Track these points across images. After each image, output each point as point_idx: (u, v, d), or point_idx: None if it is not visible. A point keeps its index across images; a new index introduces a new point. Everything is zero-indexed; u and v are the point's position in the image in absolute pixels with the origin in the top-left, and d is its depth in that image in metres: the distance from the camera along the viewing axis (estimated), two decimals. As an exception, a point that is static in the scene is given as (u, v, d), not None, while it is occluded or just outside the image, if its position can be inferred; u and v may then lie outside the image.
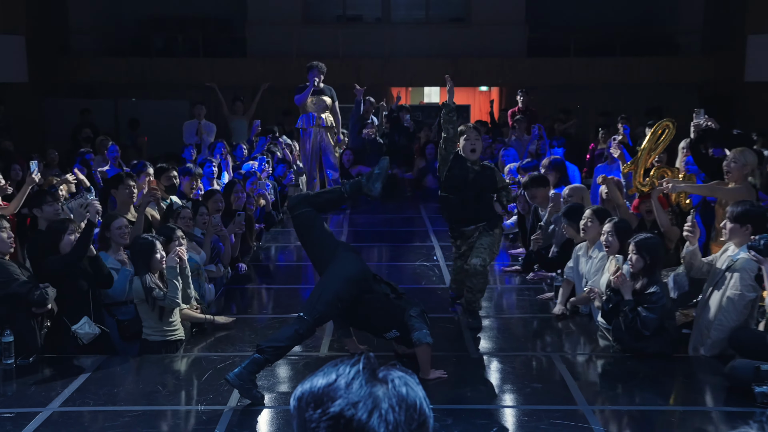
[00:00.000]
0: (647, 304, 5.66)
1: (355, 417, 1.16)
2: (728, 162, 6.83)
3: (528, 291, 7.77)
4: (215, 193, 8.52)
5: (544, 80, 17.82)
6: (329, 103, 11.38)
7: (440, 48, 18.38)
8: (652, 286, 5.73)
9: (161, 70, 18.03)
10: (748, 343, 5.52)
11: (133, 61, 18.29)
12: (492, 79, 19.15)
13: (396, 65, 17.22)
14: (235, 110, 13.57)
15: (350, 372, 1.21)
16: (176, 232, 6.46)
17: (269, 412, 4.97)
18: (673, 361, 5.81)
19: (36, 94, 16.22)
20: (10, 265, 5.78)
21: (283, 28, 18.43)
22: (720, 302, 5.74)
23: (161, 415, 4.94)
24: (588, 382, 5.49)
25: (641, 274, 5.78)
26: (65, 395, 5.14)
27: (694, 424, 4.90)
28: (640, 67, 18.22)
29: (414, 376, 1.25)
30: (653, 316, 5.64)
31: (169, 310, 5.96)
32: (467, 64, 18.27)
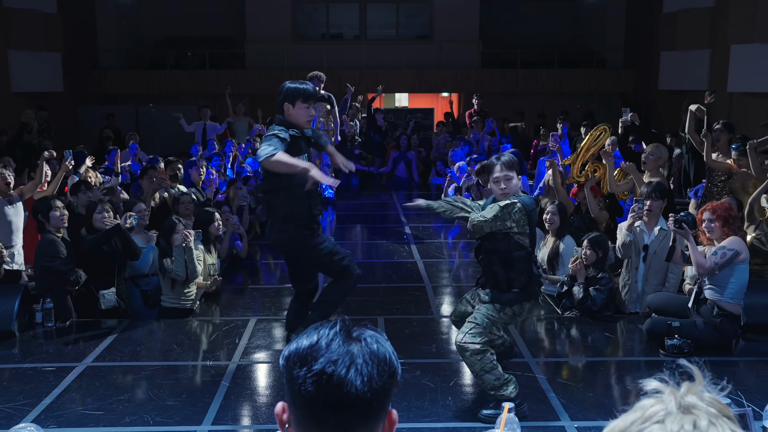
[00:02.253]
0: (597, 285, 5.77)
1: (335, 373, 1.15)
2: (646, 155, 6.91)
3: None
4: (236, 181, 8.84)
5: (494, 88, 17.88)
6: (328, 109, 10.82)
7: (408, 61, 18.41)
8: (600, 272, 5.84)
9: (174, 81, 18.06)
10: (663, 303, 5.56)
11: (151, 74, 18.38)
12: (451, 87, 19.22)
13: (371, 75, 17.19)
14: (237, 112, 13.49)
15: (329, 333, 1.21)
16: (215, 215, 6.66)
17: (267, 367, 4.95)
18: (602, 320, 5.86)
19: (71, 102, 16.29)
20: (60, 243, 5.77)
21: (276, 45, 18.42)
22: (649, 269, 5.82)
23: (177, 369, 4.91)
24: (533, 339, 5.51)
25: (593, 265, 5.85)
26: (96, 353, 5.16)
27: (619, 371, 4.96)
28: (573, 78, 18.33)
29: (383, 334, 1.26)
30: (603, 296, 5.81)
31: (180, 281, 5.95)
32: (431, 75, 18.34)
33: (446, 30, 18.84)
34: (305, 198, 4.64)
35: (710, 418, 0.99)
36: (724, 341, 5.06)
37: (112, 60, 18.74)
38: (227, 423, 4.07)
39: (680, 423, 0.98)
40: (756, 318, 5.29)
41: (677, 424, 0.98)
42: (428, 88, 19.02)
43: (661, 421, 1.00)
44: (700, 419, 0.99)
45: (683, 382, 1.05)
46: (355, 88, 15.11)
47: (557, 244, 6.50)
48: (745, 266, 5.01)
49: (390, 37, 19.67)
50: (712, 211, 5.10)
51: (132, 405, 4.29)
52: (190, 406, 4.27)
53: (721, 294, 5.01)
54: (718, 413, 1.01)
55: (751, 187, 6.94)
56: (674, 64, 15.64)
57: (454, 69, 18.43)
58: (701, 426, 0.98)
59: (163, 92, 17.98)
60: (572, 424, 4.01)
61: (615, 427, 1.05)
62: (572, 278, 5.93)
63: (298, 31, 19.47)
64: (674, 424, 0.98)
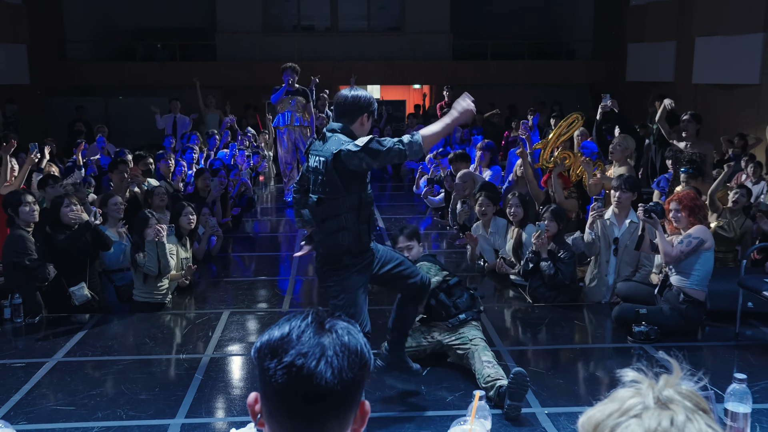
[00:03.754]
0: (564, 259, 5.84)
1: (305, 365, 1.15)
2: (613, 146, 6.98)
3: (455, 254, 7.83)
4: (204, 171, 8.74)
5: (466, 80, 17.86)
6: (303, 103, 10.61)
7: (380, 53, 18.37)
8: (562, 247, 5.91)
9: (145, 72, 17.81)
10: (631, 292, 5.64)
11: (121, 65, 18.08)
12: (423, 79, 19.24)
13: (343, 67, 17.10)
14: (208, 104, 13.37)
15: (301, 325, 1.20)
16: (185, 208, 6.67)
17: (240, 359, 4.93)
18: (572, 309, 5.93)
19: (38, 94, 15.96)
20: (28, 239, 5.69)
21: (248, 36, 18.27)
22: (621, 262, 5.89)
23: (150, 363, 4.88)
24: (504, 328, 5.56)
25: (553, 238, 5.91)
26: (67, 347, 5.11)
27: (588, 358, 5.01)
28: (544, 70, 18.43)
29: (356, 326, 1.25)
30: (570, 269, 5.92)
31: (152, 276, 5.90)
32: (402, 66, 18.31)
33: (418, 22, 18.83)
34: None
35: (687, 413, 1.00)
36: (689, 327, 5.15)
37: (81, 51, 18.43)
38: (201, 416, 4.05)
39: (658, 419, 0.99)
40: (719, 304, 5.38)
41: (655, 420, 0.99)
42: (400, 79, 19.00)
43: (638, 416, 1.00)
44: (677, 415, 1.00)
45: (661, 373, 1.06)
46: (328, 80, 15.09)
47: (520, 234, 6.58)
48: (710, 254, 5.11)
49: (362, 29, 19.60)
50: (679, 201, 5.19)
51: (104, 400, 4.25)
52: (164, 399, 4.24)
53: (686, 281, 5.10)
54: (695, 407, 1.02)
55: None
56: (641, 56, 15.81)
57: (426, 61, 18.42)
58: (678, 422, 0.99)
59: (133, 84, 17.72)
60: (543, 410, 4.05)
61: (592, 417, 1.06)
62: (536, 254, 5.97)
63: (270, 22, 19.32)
64: (652, 420, 0.99)
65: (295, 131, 10.63)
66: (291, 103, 10.45)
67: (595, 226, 5.98)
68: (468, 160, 8.49)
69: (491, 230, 7.02)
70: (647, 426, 0.98)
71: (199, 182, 8.41)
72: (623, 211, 5.93)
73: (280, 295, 6.53)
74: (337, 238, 3.61)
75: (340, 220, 3.59)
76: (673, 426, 0.98)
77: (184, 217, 6.61)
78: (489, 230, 7.03)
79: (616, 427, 1.01)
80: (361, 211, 3.61)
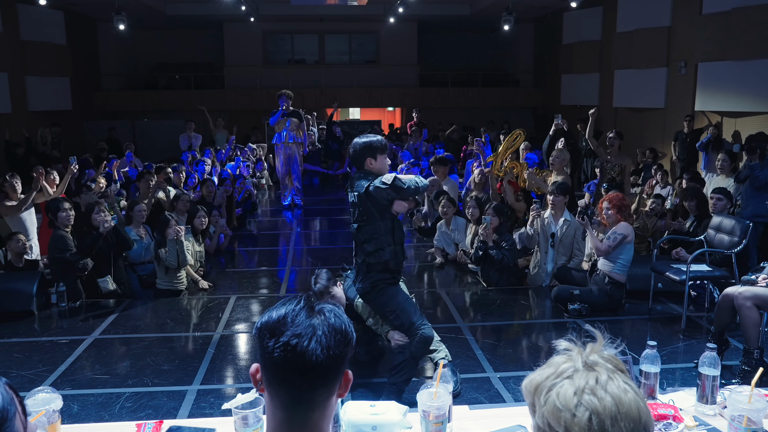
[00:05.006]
0: (506, 247, 5.86)
1: (299, 344, 1.14)
2: (553, 158, 7.02)
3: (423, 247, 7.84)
4: (208, 180, 8.60)
5: (430, 103, 17.93)
6: (297, 123, 10.33)
7: (359, 81, 18.33)
8: (504, 236, 5.94)
9: (165, 99, 17.60)
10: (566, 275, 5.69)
11: (145, 93, 17.87)
12: (395, 102, 19.23)
13: (329, 93, 17.05)
14: (218, 125, 13.24)
15: (295, 309, 1.19)
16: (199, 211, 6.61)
17: (245, 336, 4.90)
18: (519, 291, 5.96)
19: (79, 118, 15.91)
20: (68, 237, 5.62)
21: (250, 69, 18.15)
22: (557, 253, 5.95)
23: (171, 339, 4.82)
24: (464, 308, 5.58)
25: (497, 229, 5.94)
26: (102, 327, 5.06)
27: (531, 331, 5.05)
28: (493, 95, 18.51)
29: (341, 308, 1.24)
30: (512, 254, 5.98)
31: (172, 268, 5.84)
32: (378, 92, 18.30)
33: (391, 56, 18.85)
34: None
35: (608, 374, 1.02)
36: (613, 304, 5.20)
37: (113, 82, 18.24)
38: (213, 383, 4.02)
39: (585, 379, 1.01)
40: (636, 285, 5.45)
41: (583, 379, 1.01)
42: (376, 103, 18.99)
43: (570, 377, 1.02)
44: (601, 375, 1.02)
45: (588, 342, 1.08)
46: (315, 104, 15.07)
47: (476, 229, 6.61)
48: (631, 246, 5.16)
49: (344, 62, 19.53)
50: (609, 201, 5.25)
51: (134, 370, 4.20)
52: (182, 369, 4.21)
53: (611, 267, 5.15)
54: (614, 368, 1.04)
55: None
56: (572, 84, 15.95)
57: (398, 88, 18.42)
58: (602, 380, 1.01)
59: (155, 108, 17.54)
60: (495, 375, 4.07)
61: (533, 379, 1.07)
62: (483, 243, 6.00)
63: (268, 57, 19.21)
64: (581, 380, 1.01)
65: (290, 147, 10.47)
66: (286, 124, 10.35)
67: (535, 223, 6.03)
68: (447, 164, 8.40)
69: (452, 227, 7.03)
70: (577, 385, 1.00)
71: (204, 189, 8.27)
72: (558, 212, 5.97)
73: (278, 283, 6.50)
74: (377, 256, 3.57)
75: (379, 241, 3.55)
76: (597, 384, 1.00)
77: (197, 219, 6.56)
78: (450, 227, 7.05)
79: (553, 387, 1.02)
80: (395, 232, 3.58)
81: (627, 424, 0.97)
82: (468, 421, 2.10)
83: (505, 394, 3.79)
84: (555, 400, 1.01)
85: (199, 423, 2.12)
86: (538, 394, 1.04)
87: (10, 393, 1.04)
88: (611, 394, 0.99)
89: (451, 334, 4.75)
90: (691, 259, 4.93)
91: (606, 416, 0.97)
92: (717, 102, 10.69)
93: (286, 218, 10.15)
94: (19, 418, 1.04)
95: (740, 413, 1.89)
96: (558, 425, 1.00)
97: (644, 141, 12.50)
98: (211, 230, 7.38)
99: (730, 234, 5.27)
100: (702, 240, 5.49)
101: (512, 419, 2.06)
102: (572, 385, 1.01)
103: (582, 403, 0.98)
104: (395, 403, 2.07)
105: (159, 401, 3.75)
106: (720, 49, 10.36)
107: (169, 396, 3.82)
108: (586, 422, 0.97)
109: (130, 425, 2.10)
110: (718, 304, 4.12)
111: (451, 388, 2.06)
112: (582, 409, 0.98)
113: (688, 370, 4.04)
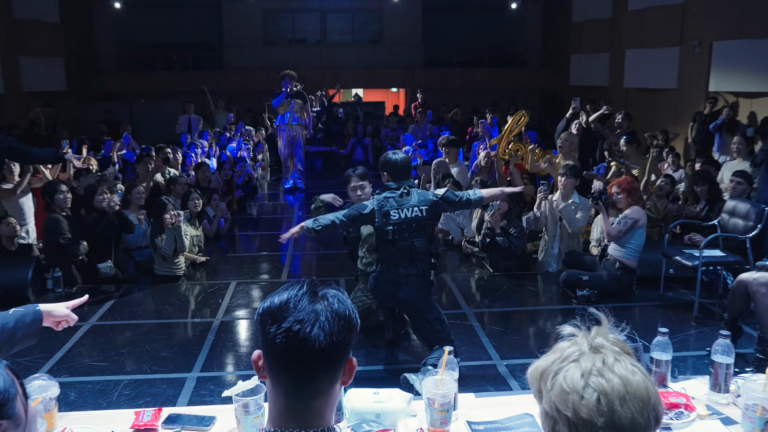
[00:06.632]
0: (514, 234, 5.85)
1: (301, 330, 1.13)
2: (562, 141, 6.97)
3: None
4: (204, 164, 8.53)
5: (435, 84, 17.82)
6: (301, 105, 10.25)
7: (362, 61, 18.21)
8: (513, 223, 5.92)
9: (162, 80, 17.50)
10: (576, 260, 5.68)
11: (143, 74, 17.74)
12: (399, 83, 19.12)
13: (331, 74, 16.95)
14: (218, 107, 13.19)
15: (298, 294, 1.18)
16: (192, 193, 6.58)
17: (245, 322, 4.90)
18: (526, 277, 5.95)
19: (75, 100, 15.83)
20: (62, 221, 5.61)
21: (249, 48, 18.02)
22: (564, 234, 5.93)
23: (169, 326, 4.84)
24: (469, 293, 5.58)
25: (505, 215, 5.92)
26: (100, 313, 5.07)
27: (539, 318, 5.04)
28: (500, 76, 18.37)
29: (344, 293, 1.23)
30: (520, 242, 5.96)
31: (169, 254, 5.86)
32: (381, 73, 18.18)
33: (394, 35, 18.68)
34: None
35: (615, 356, 1.03)
36: (623, 290, 5.20)
37: (109, 63, 18.12)
38: (213, 370, 4.03)
39: (592, 361, 1.02)
40: (646, 271, 5.43)
41: (590, 361, 1.02)
42: (379, 84, 18.88)
43: (576, 360, 1.03)
44: (607, 357, 1.03)
45: (593, 326, 1.09)
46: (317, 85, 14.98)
47: (482, 214, 6.58)
48: (642, 230, 5.14)
49: (346, 41, 19.39)
50: (618, 185, 5.23)
51: (132, 357, 4.21)
52: (182, 356, 4.22)
53: (622, 251, 5.13)
54: (621, 351, 1.05)
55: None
56: (581, 65, 15.81)
57: (401, 68, 18.30)
58: (609, 362, 1.02)
59: (153, 90, 17.45)
60: (502, 362, 4.08)
61: (538, 366, 1.08)
62: (491, 230, 5.96)
63: (268, 36, 19.07)
64: (587, 362, 1.02)
65: (294, 129, 10.41)
66: (290, 105, 10.30)
67: (542, 206, 6.00)
68: (458, 146, 8.35)
69: (457, 212, 7.00)
70: (584, 367, 1.01)
71: (199, 174, 8.23)
72: (568, 194, 5.95)
73: (279, 268, 6.50)
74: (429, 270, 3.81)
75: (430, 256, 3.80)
76: (604, 365, 1.01)
77: (191, 201, 6.56)
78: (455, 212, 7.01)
79: (559, 372, 1.03)
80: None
81: (636, 405, 0.98)
82: (474, 409, 2.09)
83: (512, 382, 3.80)
84: (562, 383, 1.01)
85: (199, 411, 2.12)
86: (545, 379, 1.05)
87: (11, 376, 1.05)
88: (619, 375, 1.00)
89: (456, 320, 4.75)
90: (704, 244, 4.90)
91: (614, 396, 0.98)
92: (732, 82, 10.59)
93: (288, 202, 10.14)
94: (20, 400, 1.06)
95: (755, 402, 1.88)
96: (566, 408, 1.00)
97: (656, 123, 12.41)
98: (210, 214, 7.38)
99: (745, 218, 5.23)
100: (715, 225, 5.46)
101: (519, 407, 2.05)
102: (579, 368, 1.02)
103: (590, 384, 0.99)
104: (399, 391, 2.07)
105: (158, 389, 3.77)
106: (735, 27, 10.24)
107: (168, 383, 3.83)
108: (595, 403, 0.98)
109: (128, 413, 2.10)
110: (731, 290, 4.10)
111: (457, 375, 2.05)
112: (590, 390, 0.99)
113: (700, 358, 4.04)
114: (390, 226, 3.69)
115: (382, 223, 3.71)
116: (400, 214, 3.69)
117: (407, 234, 3.68)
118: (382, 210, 3.70)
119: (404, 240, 3.69)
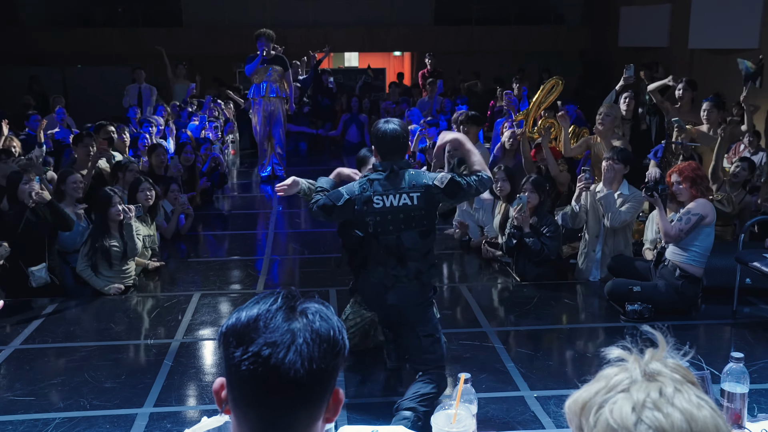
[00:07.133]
0: (547, 234, 5.83)
1: (272, 355, 1.12)
2: (603, 116, 6.90)
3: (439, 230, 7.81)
4: (158, 147, 8.49)
5: (448, 47, 17.81)
6: (281, 72, 10.16)
7: (358, 18, 18.19)
8: (545, 220, 5.88)
9: (104, 39, 17.48)
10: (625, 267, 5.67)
11: (78, 31, 17.67)
12: (403, 46, 19.12)
13: (318, 34, 16.95)
14: (178, 74, 13.15)
15: (270, 309, 1.17)
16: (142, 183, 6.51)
17: (212, 344, 4.91)
18: (561, 287, 5.94)
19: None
20: None
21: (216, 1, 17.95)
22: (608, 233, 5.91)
23: (115, 349, 4.84)
24: (491, 307, 5.57)
25: (535, 210, 5.90)
26: (26, 334, 5.05)
27: (579, 338, 5.04)
28: (530, 36, 18.36)
29: (330, 308, 1.22)
30: (555, 243, 5.92)
31: (117, 258, 5.86)
32: (382, 33, 18.18)
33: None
34: None
35: (675, 385, 1.02)
36: (685, 304, 5.19)
37: (34, 16, 18.09)
38: (171, 404, 4.04)
39: (646, 391, 1.01)
40: (716, 280, 5.42)
41: (643, 392, 1.01)
42: (379, 47, 18.87)
43: (626, 390, 1.02)
44: (665, 386, 1.02)
45: (646, 349, 1.08)
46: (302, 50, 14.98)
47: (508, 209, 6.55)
48: (710, 229, 5.12)
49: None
50: (679, 173, 5.21)
51: (67, 389, 4.21)
52: (131, 387, 4.21)
53: (684, 256, 5.12)
54: (683, 379, 1.04)
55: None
56: (634, 20, 15.78)
57: (406, 27, 18.29)
58: (667, 393, 1.01)
59: (92, 52, 17.37)
60: (531, 393, 4.07)
61: (578, 398, 1.07)
62: (518, 229, 5.93)
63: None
64: (640, 393, 1.01)
65: (272, 102, 10.30)
66: (267, 73, 10.18)
67: (582, 198, 5.96)
68: (480, 123, 8.32)
69: (476, 206, 6.99)
70: (636, 399, 1.00)
71: (153, 158, 8.15)
72: (615, 183, 5.90)
73: (254, 276, 6.51)
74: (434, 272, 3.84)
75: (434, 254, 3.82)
76: (662, 397, 1.00)
77: (140, 193, 6.48)
78: (474, 206, 7.01)
79: (604, 404, 1.03)
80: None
81: None
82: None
83: (544, 419, 3.79)
84: (608, 418, 1.01)
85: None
86: (586, 413, 1.04)
87: None
88: (680, 408, 0.99)
89: (474, 341, 4.75)
90: (788, 247, 4.89)
91: None
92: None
93: (265, 193, 10.14)
94: None
95: None
96: None
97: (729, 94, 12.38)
98: (167, 209, 7.38)
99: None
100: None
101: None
102: (629, 399, 1.01)
103: (643, 419, 0.98)
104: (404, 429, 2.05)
105: (100, 428, 3.76)
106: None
107: (114, 421, 3.82)
108: None
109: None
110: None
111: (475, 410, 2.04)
112: (644, 427, 0.98)
113: (783, 391, 4.04)
114: (371, 216, 3.65)
115: (363, 211, 3.67)
116: (384, 200, 3.64)
117: (392, 226, 3.64)
118: (363, 195, 3.66)
119: (388, 233, 3.65)
